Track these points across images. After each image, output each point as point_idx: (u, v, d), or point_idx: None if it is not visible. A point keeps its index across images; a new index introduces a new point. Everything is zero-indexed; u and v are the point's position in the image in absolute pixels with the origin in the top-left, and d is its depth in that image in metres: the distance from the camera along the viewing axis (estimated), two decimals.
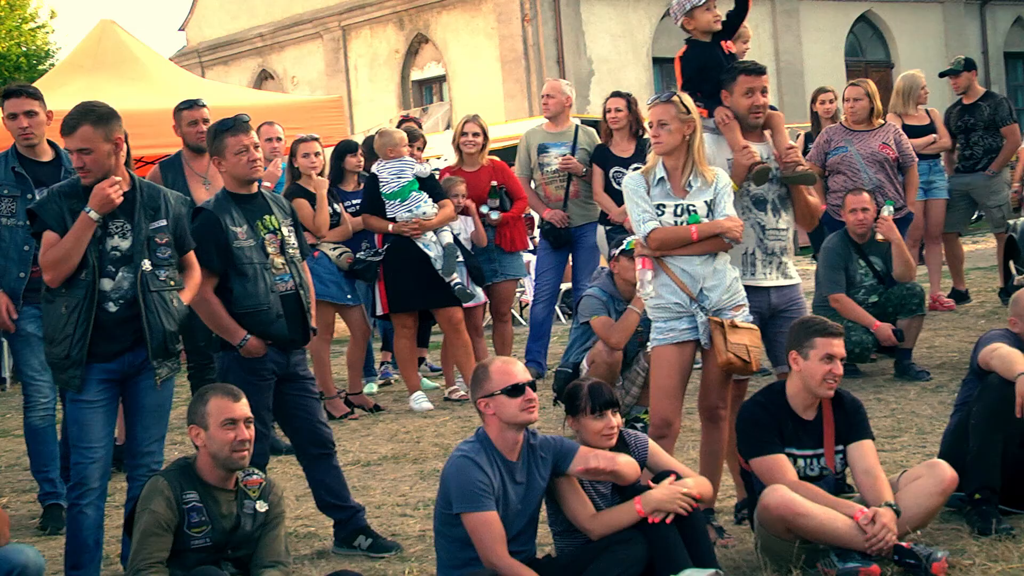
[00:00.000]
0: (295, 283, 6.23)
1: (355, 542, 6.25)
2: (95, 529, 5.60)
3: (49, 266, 5.53)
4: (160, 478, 5.15)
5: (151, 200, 5.65)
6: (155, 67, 15.29)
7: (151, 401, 5.71)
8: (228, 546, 5.18)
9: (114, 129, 5.55)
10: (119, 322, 5.54)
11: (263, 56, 36.50)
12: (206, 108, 8.44)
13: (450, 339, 9.79)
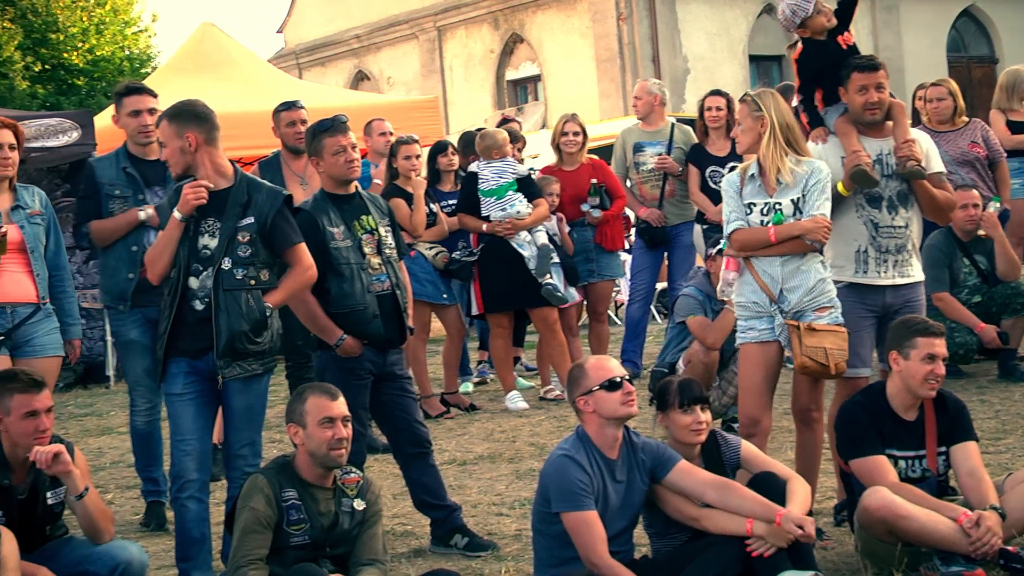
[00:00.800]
0: (392, 283, 6.26)
1: (451, 541, 6.25)
2: (199, 522, 5.65)
3: (148, 264, 5.74)
4: (260, 476, 5.20)
5: (242, 197, 5.66)
6: (254, 69, 15.49)
7: (240, 403, 5.72)
8: (326, 544, 5.21)
9: (186, 128, 5.61)
10: (204, 320, 5.56)
11: (359, 57, 36.76)
12: (304, 109, 8.53)
13: (545, 339, 9.78)
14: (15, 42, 28.94)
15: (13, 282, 6.34)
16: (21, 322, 6.35)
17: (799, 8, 6.32)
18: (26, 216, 6.47)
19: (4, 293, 6.32)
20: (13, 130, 6.40)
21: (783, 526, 4.98)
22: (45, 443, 5.14)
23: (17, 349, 6.36)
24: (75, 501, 5.21)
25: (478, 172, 9.56)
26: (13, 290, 6.34)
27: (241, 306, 5.55)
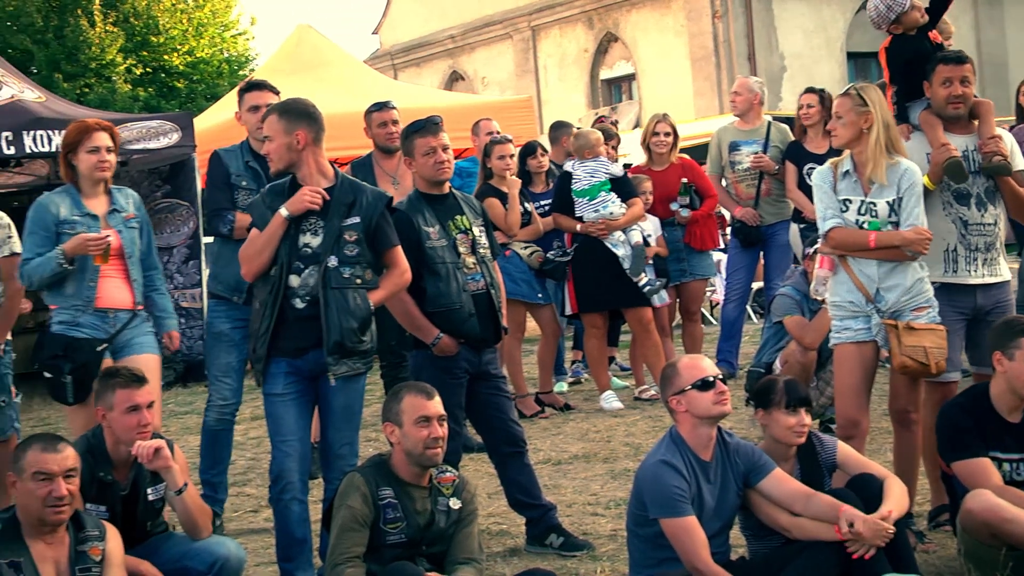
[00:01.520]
0: (486, 282, 6.27)
1: (547, 540, 6.25)
2: (301, 523, 5.67)
3: (244, 260, 5.69)
4: (356, 474, 5.22)
5: (347, 197, 5.67)
6: (349, 70, 15.63)
7: (339, 402, 5.73)
8: (423, 542, 5.22)
9: (296, 125, 5.62)
10: (305, 319, 5.55)
11: (454, 57, 36.92)
12: (395, 110, 8.58)
13: (640, 339, 9.75)
14: (117, 45, 29.46)
15: (114, 289, 6.41)
16: (122, 328, 6.41)
17: (895, 4, 6.24)
18: (122, 220, 6.51)
19: (107, 299, 6.39)
20: (110, 132, 6.45)
21: (839, 524, 4.90)
22: (146, 438, 5.22)
23: (117, 352, 6.42)
24: (174, 496, 5.28)
25: (572, 172, 9.56)
26: (115, 297, 6.41)
27: (349, 304, 5.56)
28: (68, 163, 6.44)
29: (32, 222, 6.38)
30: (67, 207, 6.35)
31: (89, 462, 5.16)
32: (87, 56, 29.08)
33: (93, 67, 29.29)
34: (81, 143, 6.34)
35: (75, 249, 6.21)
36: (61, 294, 6.34)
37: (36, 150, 11.82)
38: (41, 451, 4.69)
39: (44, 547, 4.65)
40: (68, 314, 6.31)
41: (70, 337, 6.25)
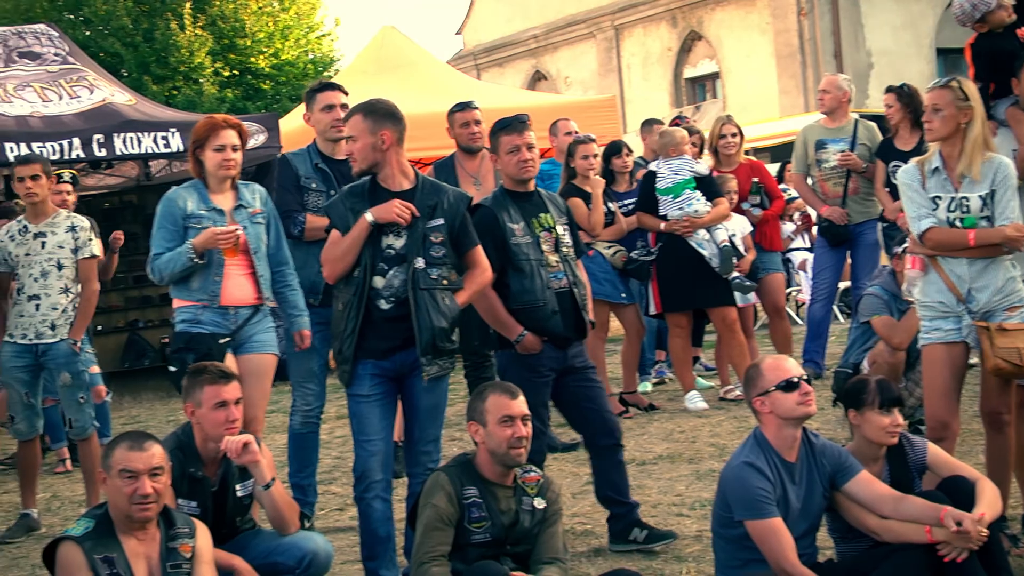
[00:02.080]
0: (569, 280, 6.27)
1: (630, 535, 6.25)
2: (384, 521, 5.69)
3: (326, 263, 5.70)
4: (441, 473, 5.24)
5: (430, 198, 5.68)
6: (433, 71, 15.69)
7: (426, 401, 5.75)
8: (507, 542, 5.22)
9: (381, 125, 5.62)
10: (391, 320, 5.57)
11: (537, 57, 36.93)
12: (478, 110, 8.59)
13: (725, 338, 9.69)
14: (205, 48, 29.83)
15: (237, 285, 6.39)
16: (243, 323, 6.43)
17: (980, 3, 6.14)
18: (248, 215, 6.49)
19: (229, 296, 6.38)
20: (238, 130, 6.44)
21: (944, 522, 4.82)
22: (234, 434, 5.28)
23: (238, 348, 6.43)
24: (262, 492, 5.33)
25: (656, 170, 9.53)
26: (237, 293, 6.40)
27: (439, 304, 5.58)
28: (196, 158, 6.45)
29: (161, 217, 6.38)
30: (194, 202, 6.37)
31: (179, 458, 5.23)
32: (176, 59, 29.47)
33: (181, 70, 29.68)
34: (208, 140, 6.35)
35: (205, 243, 6.22)
36: (186, 288, 6.36)
37: (126, 152, 12.00)
38: (128, 449, 4.75)
39: (136, 543, 4.71)
40: (190, 312, 6.31)
41: (193, 333, 6.26)
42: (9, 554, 7.21)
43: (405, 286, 5.57)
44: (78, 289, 7.65)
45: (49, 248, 7.57)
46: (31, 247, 7.58)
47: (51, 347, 7.54)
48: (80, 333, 7.62)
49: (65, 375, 7.58)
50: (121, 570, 4.60)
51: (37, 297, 7.54)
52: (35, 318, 7.54)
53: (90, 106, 12.58)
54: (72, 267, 7.60)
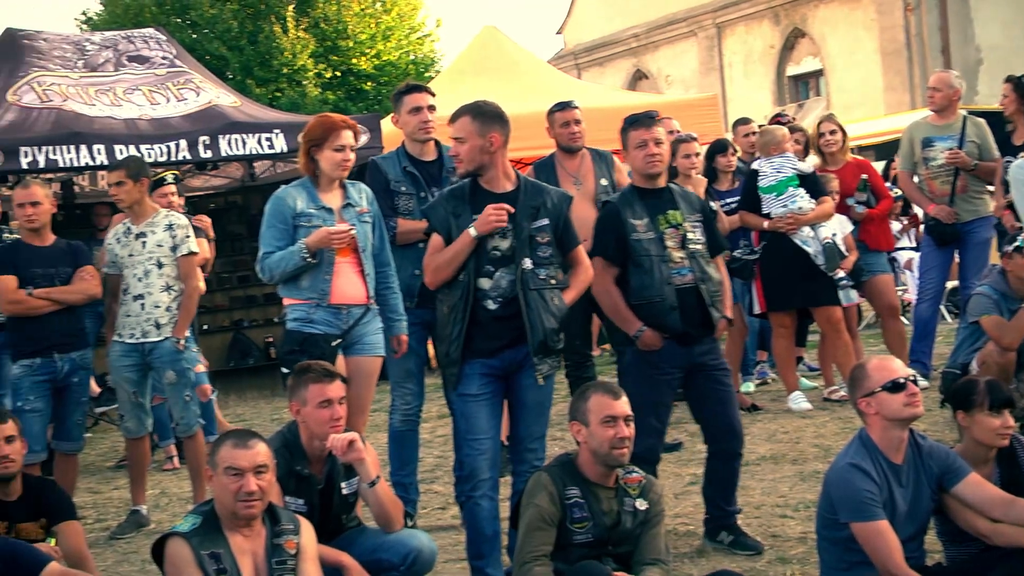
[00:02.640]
0: (696, 277, 6.19)
1: (718, 537, 6.24)
2: (491, 520, 5.69)
3: (428, 270, 5.72)
4: (543, 473, 5.23)
5: (533, 200, 5.70)
6: (534, 70, 15.70)
7: (532, 399, 5.76)
8: (609, 542, 5.20)
9: (490, 127, 5.63)
10: (499, 320, 5.59)
11: (637, 56, 36.83)
12: (578, 109, 8.56)
13: (829, 338, 9.57)
14: (308, 50, 30.17)
15: (349, 283, 6.41)
16: (355, 323, 6.45)
17: None
18: (356, 214, 6.51)
19: (341, 294, 6.39)
20: (354, 131, 6.45)
21: None
22: (339, 432, 5.32)
23: (348, 348, 6.46)
24: (367, 489, 5.36)
25: (758, 169, 9.44)
26: (348, 291, 6.41)
27: (549, 304, 5.61)
28: (310, 156, 6.43)
29: (271, 215, 6.39)
30: (303, 200, 6.37)
31: (286, 456, 5.29)
32: (279, 61, 29.84)
33: (285, 72, 30.04)
34: (328, 140, 6.34)
35: (318, 242, 6.24)
36: (296, 287, 6.36)
37: (231, 153, 12.16)
38: (232, 447, 4.80)
39: (242, 539, 4.77)
40: (302, 311, 6.31)
41: (306, 333, 6.29)
42: (120, 549, 7.34)
43: (513, 286, 5.59)
44: (180, 287, 7.76)
45: (149, 247, 7.70)
46: (133, 247, 7.71)
47: (156, 346, 7.66)
48: (183, 331, 7.72)
49: (170, 373, 7.70)
50: (227, 566, 4.65)
51: (141, 296, 7.67)
52: (140, 317, 7.66)
53: (196, 108, 12.78)
54: (172, 265, 7.71)
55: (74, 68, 13.06)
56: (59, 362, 7.57)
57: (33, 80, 12.55)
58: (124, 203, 7.77)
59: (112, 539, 7.55)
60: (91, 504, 8.58)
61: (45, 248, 7.68)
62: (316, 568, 4.88)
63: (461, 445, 5.75)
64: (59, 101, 12.33)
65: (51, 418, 7.67)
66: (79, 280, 7.68)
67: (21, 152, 11.01)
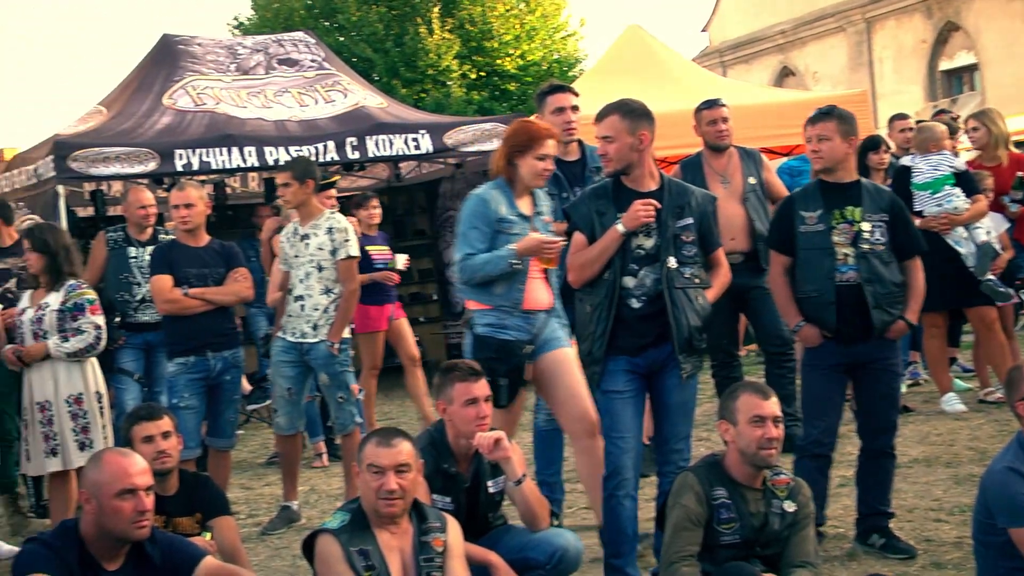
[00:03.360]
0: (861, 276, 6.05)
1: (869, 540, 6.14)
2: (632, 519, 5.68)
3: (573, 269, 5.71)
4: (690, 474, 5.20)
5: (678, 199, 5.67)
6: (678, 69, 15.61)
7: (677, 398, 5.73)
8: (757, 544, 5.15)
9: (640, 125, 5.62)
10: (642, 318, 5.57)
11: (784, 53, 36.39)
12: (725, 107, 8.50)
13: (983, 339, 9.34)
14: (453, 51, 30.41)
15: (538, 290, 6.29)
16: (542, 327, 6.30)
17: None
18: (542, 222, 6.39)
19: (532, 301, 6.25)
20: (556, 140, 6.33)
21: None
22: (485, 430, 5.34)
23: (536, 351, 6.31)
24: (513, 488, 5.38)
25: (912, 166, 9.25)
26: (540, 297, 6.29)
27: (694, 303, 5.61)
28: (510, 161, 6.25)
29: (474, 216, 6.15)
30: (505, 206, 6.18)
31: (433, 455, 5.33)
32: (424, 62, 30.13)
33: (429, 73, 30.32)
34: (532, 148, 6.15)
35: (528, 250, 6.02)
36: (488, 293, 6.14)
37: (378, 154, 12.31)
38: (376, 445, 4.85)
39: (389, 536, 4.81)
40: (494, 316, 6.14)
41: (500, 340, 6.12)
42: (271, 544, 7.47)
43: (657, 285, 5.57)
44: (339, 290, 7.86)
45: (311, 249, 7.81)
46: (299, 248, 7.85)
47: (313, 347, 7.78)
48: (338, 335, 7.81)
49: (324, 376, 7.82)
50: (376, 562, 4.70)
51: (302, 297, 7.80)
52: (300, 318, 7.79)
53: (344, 110, 12.98)
54: (332, 268, 7.81)
55: (226, 72, 13.36)
56: (212, 360, 7.74)
57: (188, 84, 12.87)
58: (290, 204, 7.90)
59: (263, 535, 7.68)
60: (243, 500, 8.74)
61: (199, 249, 7.86)
62: (463, 566, 4.91)
63: (606, 443, 5.72)
64: (212, 104, 12.62)
65: (205, 415, 7.84)
66: (232, 281, 7.84)
67: (176, 155, 11.29)
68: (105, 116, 12.58)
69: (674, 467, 5.67)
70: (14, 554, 5.78)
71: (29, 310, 7.31)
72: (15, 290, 8.27)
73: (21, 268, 8.30)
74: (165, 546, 4.71)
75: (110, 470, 4.57)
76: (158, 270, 7.81)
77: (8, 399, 7.89)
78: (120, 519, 4.51)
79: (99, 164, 10.98)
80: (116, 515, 4.50)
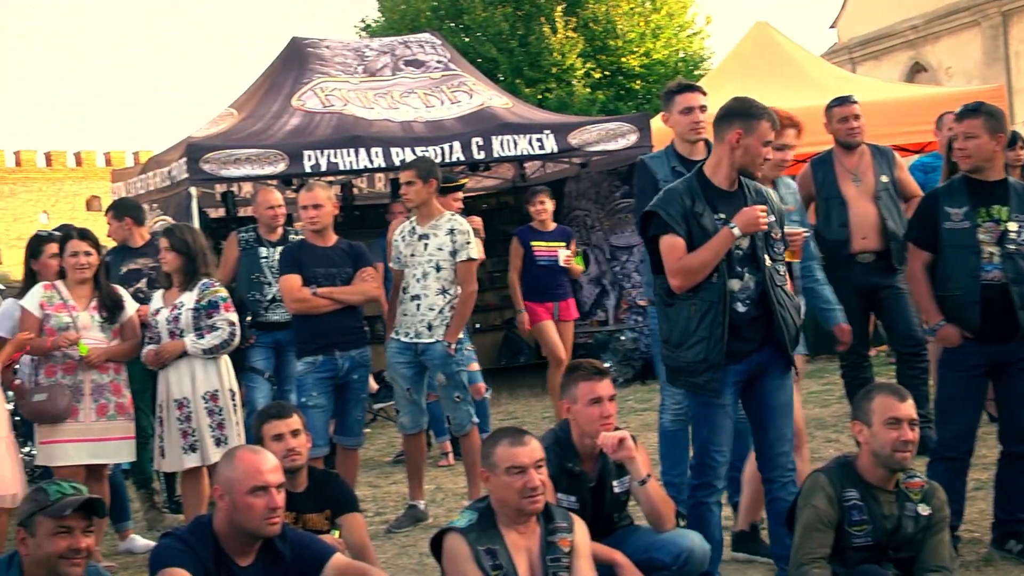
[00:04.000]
0: (1006, 276, 5.90)
1: (1006, 545, 6.00)
2: (719, 526, 5.61)
3: (680, 273, 5.42)
4: (821, 475, 5.13)
5: (761, 196, 5.54)
6: (807, 65, 15.42)
7: (781, 399, 5.59)
8: (889, 547, 5.06)
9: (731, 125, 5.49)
10: (749, 322, 5.44)
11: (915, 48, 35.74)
12: (856, 104, 8.37)
13: None
14: (577, 50, 30.43)
15: None
16: None
17: None
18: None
19: None
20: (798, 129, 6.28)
21: None
22: (610, 429, 5.32)
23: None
24: (638, 487, 5.35)
25: None
26: None
27: (792, 300, 5.55)
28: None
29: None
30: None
31: (557, 454, 5.32)
32: (548, 61, 30.18)
33: (554, 72, 30.36)
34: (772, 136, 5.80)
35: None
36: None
37: (503, 154, 12.34)
38: (510, 445, 4.86)
39: (517, 536, 4.82)
40: None
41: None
42: (398, 542, 7.52)
43: (758, 287, 5.45)
44: (456, 291, 7.89)
45: (430, 250, 7.85)
46: (416, 248, 7.89)
47: (428, 347, 7.81)
48: (455, 336, 7.83)
49: (440, 376, 7.85)
50: (503, 562, 4.71)
51: (418, 297, 7.84)
52: (415, 317, 7.84)
53: (469, 110, 13.04)
54: (450, 269, 7.84)
55: (354, 73, 13.51)
56: (340, 359, 7.81)
57: (316, 86, 13.04)
58: (412, 202, 7.94)
59: (390, 532, 7.73)
60: (370, 498, 8.81)
61: (327, 248, 7.94)
62: (590, 566, 4.90)
63: (701, 453, 5.58)
64: (340, 106, 12.77)
65: (332, 414, 7.93)
66: (359, 281, 7.91)
67: (304, 156, 11.44)
68: (236, 118, 12.80)
69: (782, 472, 5.56)
70: (150, 548, 5.89)
71: (164, 310, 7.45)
72: (146, 290, 8.45)
73: (152, 268, 8.49)
74: (296, 543, 4.78)
75: (243, 467, 4.65)
76: (287, 270, 7.91)
77: (143, 396, 8.05)
78: (252, 516, 4.58)
79: (230, 166, 11.17)
80: (248, 512, 4.58)
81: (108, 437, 7.38)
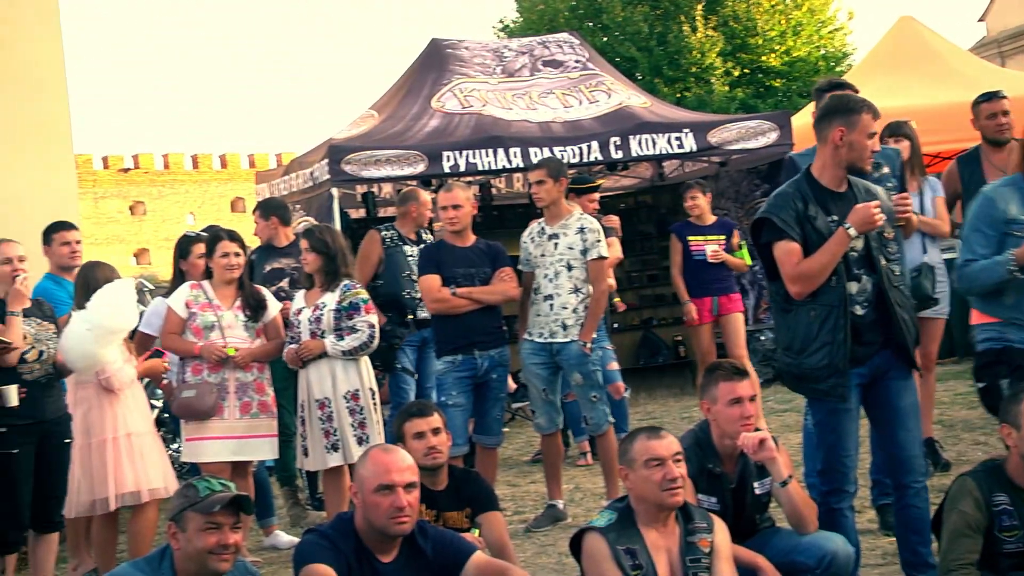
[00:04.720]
0: None
1: None
2: (854, 530, 5.50)
3: (799, 278, 5.29)
4: (968, 479, 5.03)
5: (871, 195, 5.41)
6: (954, 60, 15.10)
7: (909, 400, 5.48)
8: None
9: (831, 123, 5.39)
10: (868, 325, 5.33)
11: None
12: (1006, 100, 8.14)
13: None
14: (717, 49, 30.23)
15: None
16: None
17: None
18: None
19: None
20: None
21: None
22: (750, 430, 5.27)
23: None
24: (779, 489, 5.28)
25: None
26: None
27: (909, 300, 5.45)
28: None
29: (979, 218, 5.70)
30: (1017, 204, 5.67)
31: (698, 454, 5.29)
32: (687, 60, 30.03)
33: (692, 71, 30.21)
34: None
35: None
36: (996, 303, 5.70)
37: (641, 153, 12.33)
38: (647, 439, 4.87)
39: (656, 536, 4.81)
40: (995, 330, 5.75)
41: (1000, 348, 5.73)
42: (537, 541, 7.53)
43: (875, 288, 5.34)
44: (588, 290, 7.88)
45: (560, 249, 7.86)
46: (546, 248, 7.91)
47: (563, 347, 7.82)
48: (589, 335, 7.83)
49: (576, 376, 7.85)
50: (643, 562, 4.70)
51: (550, 297, 7.85)
52: (548, 317, 7.85)
53: (608, 110, 13.04)
54: (582, 268, 7.84)
55: (492, 74, 13.59)
56: (479, 359, 7.86)
57: (455, 87, 13.15)
58: (543, 202, 7.96)
59: (529, 531, 7.75)
60: (509, 497, 8.85)
61: (466, 248, 7.99)
62: (731, 567, 4.86)
63: (830, 459, 5.47)
64: (478, 106, 12.86)
65: (472, 413, 7.98)
66: (498, 281, 7.95)
67: (443, 156, 11.55)
68: (376, 120, 12.96)
69: (916, 476, 5.43)
70: (294, 544, 5.99)
71: (306, 310, 7.57)
72: (287, 289, 8.60)
73: (294, 268, 8.63)
74: (437, 540, 4.82)
75: (372, 466, 4.70)
76: (426, 270, 7.98)
77: (285, 394, 8.18)
78: (378, 514, 4.62)
79: (371, 167, 11.32)
80: (375, 509, 4.62)
81: (252, 435, 7.51)
